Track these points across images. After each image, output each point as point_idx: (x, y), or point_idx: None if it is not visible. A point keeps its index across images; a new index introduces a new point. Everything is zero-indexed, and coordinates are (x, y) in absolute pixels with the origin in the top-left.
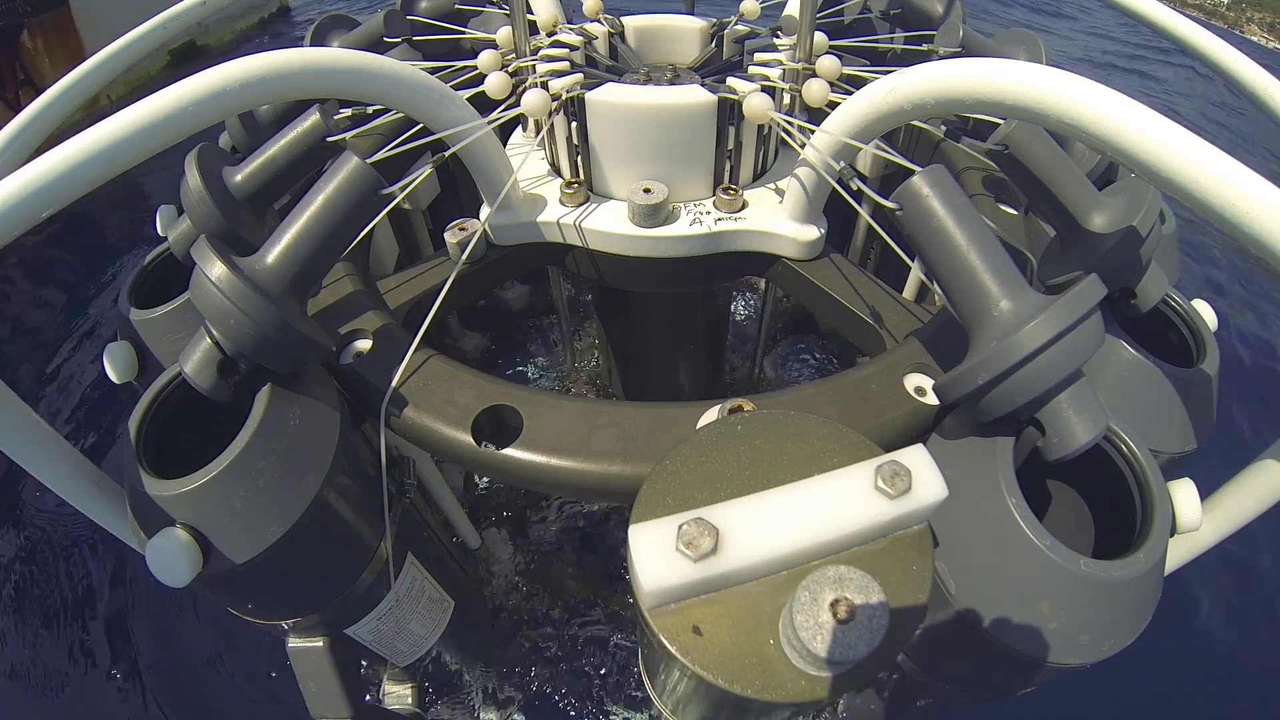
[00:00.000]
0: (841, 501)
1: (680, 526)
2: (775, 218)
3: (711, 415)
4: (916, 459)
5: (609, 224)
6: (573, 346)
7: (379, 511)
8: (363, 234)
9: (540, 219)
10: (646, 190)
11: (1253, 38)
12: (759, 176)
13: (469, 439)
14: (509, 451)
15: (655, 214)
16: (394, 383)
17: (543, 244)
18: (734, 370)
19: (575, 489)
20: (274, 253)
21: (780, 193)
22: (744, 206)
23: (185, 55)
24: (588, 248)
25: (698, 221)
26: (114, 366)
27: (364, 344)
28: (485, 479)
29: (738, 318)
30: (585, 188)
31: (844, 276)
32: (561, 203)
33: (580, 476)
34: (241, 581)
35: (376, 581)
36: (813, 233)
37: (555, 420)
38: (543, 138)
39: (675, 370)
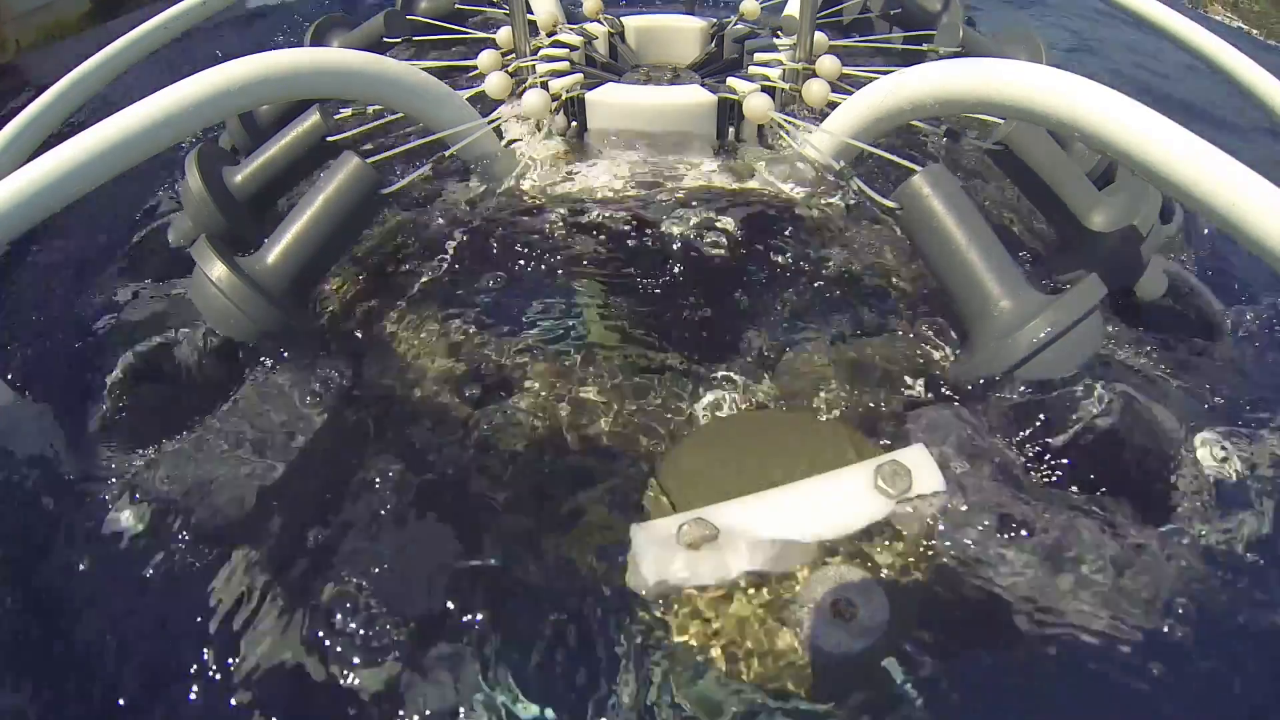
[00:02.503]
0: (841, 501)
1: (681, 526)
2: None
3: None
4: (916, 459)
5: None
6: None
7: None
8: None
9: None
10: None
11: (1216, 16)
12: None
13: (457, 402)
14: (494, 407)
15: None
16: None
17: None
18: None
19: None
20: (274, 252)
21: None
22: None
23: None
24: None
25: None
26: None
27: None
28: None
29: None
30: None
31: None
32: None
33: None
34: None
35: None
36: None
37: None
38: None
39: None
